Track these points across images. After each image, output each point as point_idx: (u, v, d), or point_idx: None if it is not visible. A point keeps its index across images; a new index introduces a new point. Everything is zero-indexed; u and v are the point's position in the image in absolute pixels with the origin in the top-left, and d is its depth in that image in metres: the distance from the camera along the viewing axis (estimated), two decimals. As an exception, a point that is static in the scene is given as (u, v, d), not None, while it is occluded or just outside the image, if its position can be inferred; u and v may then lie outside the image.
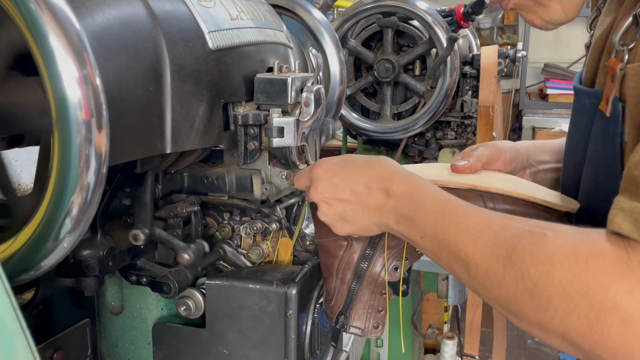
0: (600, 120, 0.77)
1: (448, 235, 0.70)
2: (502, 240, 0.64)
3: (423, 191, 0.75)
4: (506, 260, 0.63)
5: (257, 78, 0.87)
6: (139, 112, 0.71)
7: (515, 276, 0.62)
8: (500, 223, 0.67)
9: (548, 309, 0.59)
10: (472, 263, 0.67)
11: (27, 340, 0.43)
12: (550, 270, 0.59)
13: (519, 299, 0.62)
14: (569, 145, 0.90)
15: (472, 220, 0.69)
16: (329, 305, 0.89)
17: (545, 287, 0.59)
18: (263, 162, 0.91)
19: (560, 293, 0.58)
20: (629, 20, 0.73)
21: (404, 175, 0.78)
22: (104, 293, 0.98)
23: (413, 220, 0.74)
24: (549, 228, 0.63)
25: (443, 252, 0.71)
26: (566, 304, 0.58)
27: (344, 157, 0.83)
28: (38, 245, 0.60)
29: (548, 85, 4.98)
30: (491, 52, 2.18)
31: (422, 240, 0.74)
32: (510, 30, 5.20)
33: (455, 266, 0.70)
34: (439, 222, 0.71)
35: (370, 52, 2.10)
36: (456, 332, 2.51)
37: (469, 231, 0.68)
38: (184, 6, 0.80)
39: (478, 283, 0.67)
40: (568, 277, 0.58)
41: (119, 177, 0.82)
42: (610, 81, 0.73)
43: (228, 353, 0.88)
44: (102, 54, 0.64)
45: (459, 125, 2.28)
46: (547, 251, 0.60)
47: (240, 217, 0.97)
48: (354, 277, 0.87)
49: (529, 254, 0.61)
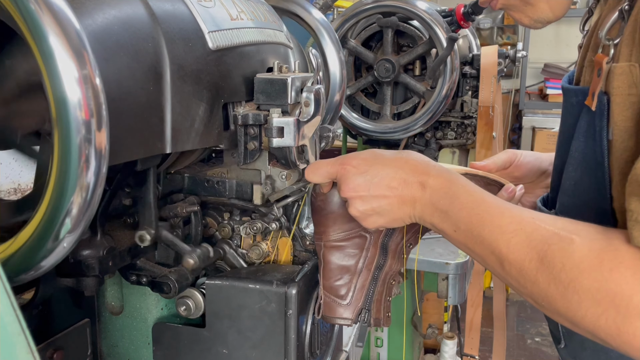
0: (585, 115, 0.78)
1: (482, 232, 0.73)
2: (534, 243, 0.69)
3: (458, 186, 0.78)
4: (538, 263, 0.68)
5: (257, 78, 0.87)
6: (139, 112, 0.71)
7: (547, 279, 0.67)
8: (530, 224, 0.71)
9: (578, 310, 0.65)
10: (506, 261, 0.71)
11: (27, 340, 0.43)
12: (578, 277, 0.65)
13: (551, 299, 0.68)
14: (558, 146, 0.91)
15: (505, 220, 0.73)
16: (341, 305, 0.89)
17: (575, 292, 0.65)
18: (263, 162, 0.91)
19: (588, 298, 0.64)
20: (615, 15, 0.74)
21: (439, 169, 0.81)
22: (104, 293, 0.98)
23: (447, 214, 0.77)
24: (574, 232, 0.68)
25: (477, 247, 0.75)
26: (594, 308, 0.64)
27: (371, 152, 0.84)
28: (38, 245, 0.60)
29: (548, 85, 4.98)
30: (491, 52, 2.18)
31: (455, 233, 0.77)
32: (510, 30, 5.20)
33: (489, 261, 0.74)
34: (473, 219, 0.75)
35: (370, 52, 2.10)
36: (456, 332, 2.51)
37: (502, 231, 0.72)
38: (184, 6, 0.80)
39: (512, 279, 0.72)
40: (595, 285, 0.64)
41: (119, 177, 0.82)
42: (597, 76, 0.74)
43: (228, 353, 0.88)
44: (102, 54, 0.65)
45: (459, 125, 2.28)
46: (575, 259, 0.66)
47: (240, 217, 0.97)
48: (375, 270, 0.89)
49: (559, 259, 0.66)
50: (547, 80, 5.02)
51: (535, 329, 3.96)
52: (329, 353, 1.02)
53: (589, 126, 0.77)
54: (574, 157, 0.81)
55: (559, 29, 5.08)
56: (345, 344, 1.19)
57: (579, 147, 0.80)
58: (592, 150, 0.77)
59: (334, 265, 0.89)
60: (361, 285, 0.89)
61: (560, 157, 0.89)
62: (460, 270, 1.88)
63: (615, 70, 0.71)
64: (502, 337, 2.32)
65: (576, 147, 0.81)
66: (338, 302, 0.89)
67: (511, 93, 5.04)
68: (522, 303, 4.25)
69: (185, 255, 0.83)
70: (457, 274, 1.89)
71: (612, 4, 0.80)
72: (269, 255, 0.97)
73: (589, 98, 0.76)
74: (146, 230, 0.83)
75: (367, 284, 0.89)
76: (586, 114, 0.78)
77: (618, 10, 0.74)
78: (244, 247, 0.97)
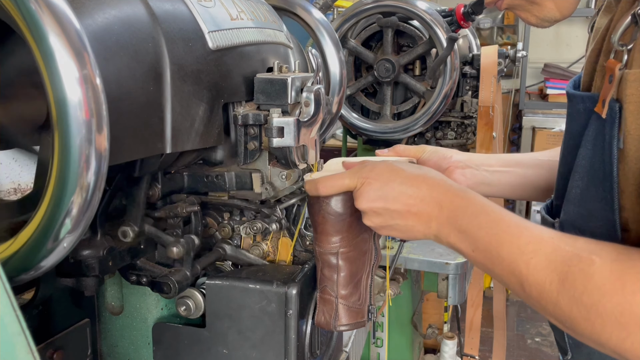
0: (594, 123, 0.76)
1: (501, 252, 0.73)
2: (553, 265, 0.68)
3: (476, 206, 0.78)
4: (559, 285, 0.67)
5: (257, 78, 0.87)
6: (139, 112, 0.71)
7: (569, 301, 0.67)
8: (549, 244, 0.70)
9: (603, 333, 0.64)
10: (526, 283, 0.70)
11: (27, 340, 0.43)
12: (601, 300, 0.64)
13: (574, 322, 0.67)
14: (563, 152, 0.89)
15: (524, 239, 0.72)
16: (360, 309, 0.89)
17: (598, 316, 0.64)
18: (263, 162, 0.91)
19: (612, 321, 0.63)
20: (628, 20, 0.72)
21: (457, 189, 0.81)
22: (104, 293, 0.98)
23: (465, 234, 0.77)
24: (595, 252, 0.67)
25: (496, 268, 0.74)
26: (619, 332, 0.63)
27: (389, 166, 0.85)
28: (38, 245, 0.60)
29: (548, 85, 4.97)
30: (491, 52, 2.18)
31: (473, 253, 0.77)
32: (510, 30, 5.20)
33: (509, 282, 0.73)
34: (491, 239, 0.74)
35: (370, 52, 2.10)
36: (456, 332, 2.51)
37: (522, 252, 0.71)
38: (184, 6, 0.80)
39: (533, 300, 0.71)
40: (618, 308, 0.63)
41: (119, 177, 0.82)
42: (608, 82, 0.72)
43: (228, 353, 0.88)
44: (102, 54, 0.65)
45: (459, 125, 2.28)
46: (596, 281, 0.65)
47: (240, 217, 0.97)
48: (373, 266, 0.91)
49: (580, 282, 0.66)
50: (547, 80, 5.01)
51: (535, 329, 3.96)
52: (329, 353, 1.02)
53: (598, 134, 0.75)
54: (581, 166, 0.79)
55: (559, 29, 5.07)
56: (345, 344, 1.19)
57: (587, 155, 0.78)
58: (600, 159, 0.74)
59: (350, 272, 0.88)
60: (366, 284, 0.90)
61: (565, 164, 0.87)
62: (460, 270, 1.88)
63: (629, 76, 0.69)
64: (502, 337, 2.32)
65: (583, 155, 0.78)
66: (356, 308, 0.89)
67: (511, 93, 5.04)
68: (522, 303, 4.25)
69: (168, 246, 0.84)
70: (457, 274, 1.89)
71: (625, 8, 0.77)
72: (269, 256, 0.97)
73: (598, 105, 0.74)
74: (129, 227, 0.83)
75: (369, 282, 0.90)
76: (595, 122, 0.76)
77: (631, 15, 0.72)
78: (244, 247, 0.97)
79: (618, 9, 0.79)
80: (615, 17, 0.79)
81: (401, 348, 2.52)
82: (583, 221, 0.79)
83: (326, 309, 0.88)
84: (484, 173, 1.07)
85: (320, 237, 0.87)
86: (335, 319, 0.88)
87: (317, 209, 0.86)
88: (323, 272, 0.88)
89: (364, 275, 0.89)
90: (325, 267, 0.88)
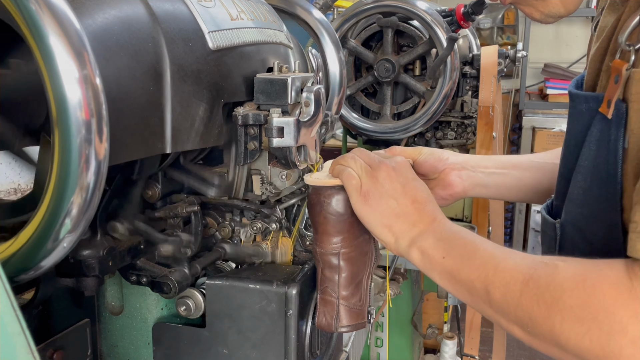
0: (598, 123, 0.76)
1: (473, 258, 0.76)
2: (520, 268, 0.71)
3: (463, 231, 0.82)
4: (523, 285, 0.69)
5: (257, 78, 0.87)
6: (139, 112, 0.71)
7: (530, 300, 0.68)
8: (520, 255, 0.74)
9: (562, 332, 0.65)
10: (491, 285, 0.72)
11: (27, 340, 0.43)
12: (562, 295, 0.65)
13: (535, 322, 0.68)
14: (564, 152, 0.89)
15: (499, 250, 0.76)
16: (360, 310, 0.89)
17: (558, 312, 0.65)
18: (263, 162, 0.91)
19: (571, 317, 0.64)
20: (636, 20, 0.72)
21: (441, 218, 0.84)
22: (104, 293, 0.98)
23: (444, 241, 0.80)
24: (559, 259, 0.69)
25: (463, 272, 0.76)
26: (578, 328, 0.63)
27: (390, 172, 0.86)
28: (38, 245, 0.60)
29: (548, 85, 4.98)
30: (491, 52, 2.18)
31: (444, 259, 0.78)
32: (510, 30, 5.20)
33: (473, 287, 0.75)
34: (467, 245, 0.78)
35: (370, 52, 2.10)
36: (456, 332, 2.51)
37: (493, 255, 0.75)
38: (184, 6, 0.80)
39: (496, 305, 0.73)
40: (578, 302, 0.63)
41: (119, 177, 0.82)
42: (614, 82, 0.72)
43: (228, 353, 0.88)
44: (102, 54, 0.65)
45: (459, 125, 2.28)
46: (559, 279, 0.66)
47: (240, 217, 0.97)
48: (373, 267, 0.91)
49: (544, 280, 0.67)
50: (547, 80, 5.01)
51: (535, 329, 3.94)
52: (329, 353, 1.02)
53: (602, 134, 0.74)
54: (584, 166, 0.79)
55: (559, 28, 5.08)
56: (345, 344, 1.19)
57: (590, 155, 0.77)
58: (604, 160, 0.74)
59: (352, 273, 0.88)
60: (367, 285, 0.90)
61: (566, 165, 0.86)
62: (460, 270, 1.87)
63: (635, 75, 0.69)
64: (502, 337, 2.32)
65: (586, 156, 0.78)
66: (357, 309, 0.89)
67: (511, 93, 5.04)
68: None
69: (158, 243, 0.84)
70: (457, 274, 1.89)
71: (633, 8, 0.76)
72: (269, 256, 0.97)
73: (603, 105, 0.74)
74: (119, 222, 0.83)
75: (369, 282, 0.91)
76: (599, 122, 0.75)
77: (639, 15, 0.71)
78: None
79: (626, 8, 0.78)
80: (622, 16, 0.78)
81: (401, 348, 2.52)
82: (585, 222, 0.79)
83: (327, 310, 0.88)
84: (480, 175, 1.07)
85: (321, 238, 0.87)
86: (336, 320, 0.88)
87: (318, 210, 0.86)
88: (324, 273, 0.88)
89: (364, 276, 0.89)
90: (326, 268, 0.87)
